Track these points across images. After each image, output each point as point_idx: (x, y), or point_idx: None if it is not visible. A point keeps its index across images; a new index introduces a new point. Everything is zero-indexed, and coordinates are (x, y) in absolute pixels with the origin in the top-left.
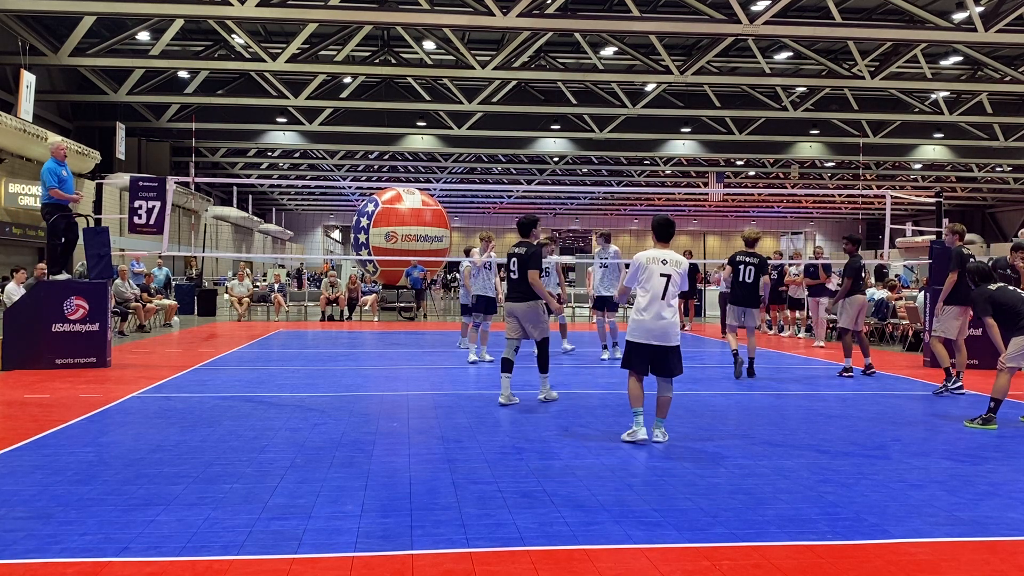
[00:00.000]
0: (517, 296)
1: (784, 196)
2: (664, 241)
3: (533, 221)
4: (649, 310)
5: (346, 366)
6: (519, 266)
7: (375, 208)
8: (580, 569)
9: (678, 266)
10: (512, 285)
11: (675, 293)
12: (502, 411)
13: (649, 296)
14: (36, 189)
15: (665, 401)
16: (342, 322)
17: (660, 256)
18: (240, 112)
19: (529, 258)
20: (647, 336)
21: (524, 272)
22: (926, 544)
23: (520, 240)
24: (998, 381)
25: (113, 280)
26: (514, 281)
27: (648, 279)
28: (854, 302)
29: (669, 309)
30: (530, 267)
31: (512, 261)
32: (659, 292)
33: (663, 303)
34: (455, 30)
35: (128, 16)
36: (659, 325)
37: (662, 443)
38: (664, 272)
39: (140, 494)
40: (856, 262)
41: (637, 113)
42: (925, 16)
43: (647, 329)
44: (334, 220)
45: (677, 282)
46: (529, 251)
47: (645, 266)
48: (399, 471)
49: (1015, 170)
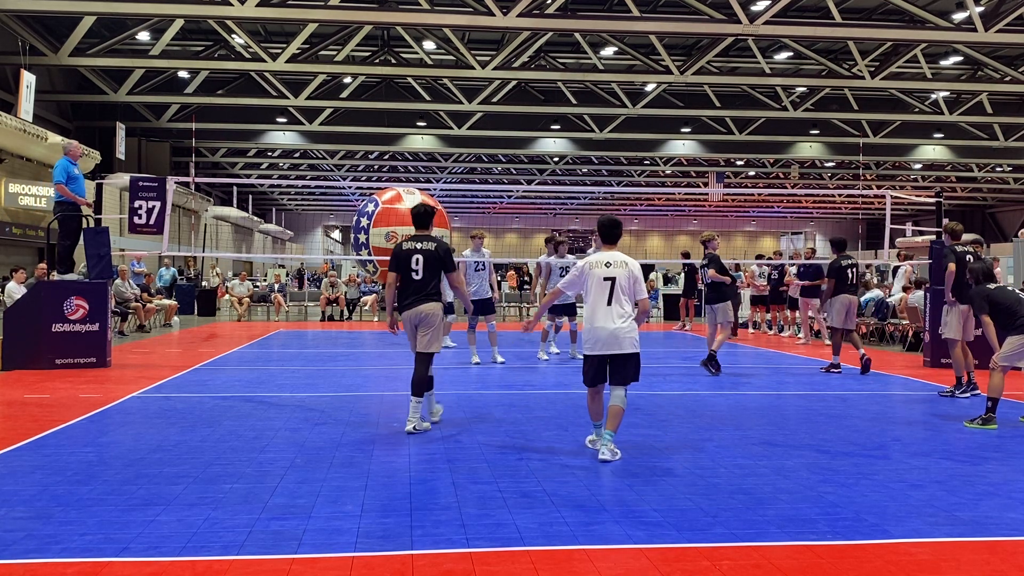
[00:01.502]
0: (420, 299)
1: (784, 196)
2: (611, 243)
3: (431, 212)
4: (596, 318)
5: (346, 366)
6: (426, 265)
7: (375, 208)
8: (580, 569)
9: (624, 267)
10: (415, 287)
11: (627, 297)
12: (502, 411)
13: (593, 303)
14: (36, 189)
15: (616, 412)
16: (342, 322)
17: (603, 259)
18: (240, 112)
19: (444, 256)
20: (596, 346)
21: (433, 272)
22: (926, 544)
23: (419, 233)
24: (992, 380)
25: (113, 280)
26: (417, 283)
27: (592, 285)
28: (841, 302)
29: (619, 314)
30: (448, 269)
31: (415, 259)
32: (604, 297)
33: (610, 309)
34: (455, 30)
35: (128, 16)
36: (609, 332)
37: (610, 462)
38: (607, 275)
39: (140, 494)
40: (836, 262)
41: (637, 113)
42: (925, 16)
43: (596, 339)
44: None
45: (625, 285)
46: (441, 247)
47: (588, 271)
48: (399, 471)
49: (1015, 170)
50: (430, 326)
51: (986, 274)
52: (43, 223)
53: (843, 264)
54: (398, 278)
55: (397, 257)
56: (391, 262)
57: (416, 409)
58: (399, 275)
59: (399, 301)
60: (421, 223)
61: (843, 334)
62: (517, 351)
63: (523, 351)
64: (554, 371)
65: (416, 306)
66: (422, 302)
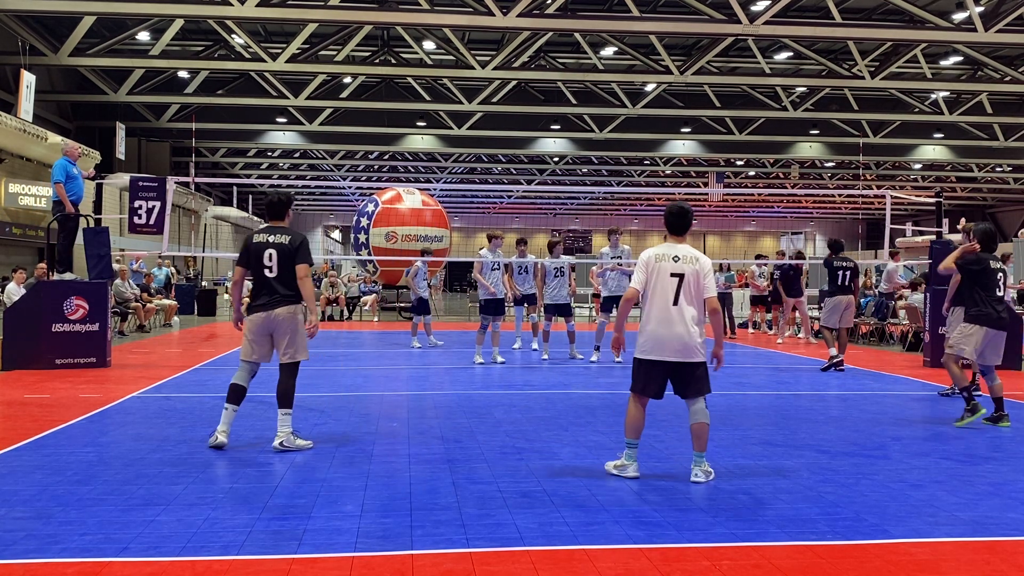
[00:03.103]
0: (275, 301)
1: (784, 196)
2: (678, 235)
3: (286, 200)
4: (660, 319)
5: (346, 366)
6: (281, 260)
7: (375, 208)
8: (580, 569)
9: (695, 263)
10: (268, 286)
11: (694, 296)
12: (502, 411)
13: (658, 302)
14: (36, 189)
15: (701, 429)
16: (342, 322)
17: (671, 253)
18: (240, 112)
19: (297, 249)
20: (660, 351)
21: (289, 268)
22: (926, 544)
23: (273, 225)
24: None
25: (113, 280)
26: (270, 281)
27: (656, 281)
28: (832, 302)
29: (687, 316)
30: (299, 261)
31: (268, 254)
32: (670, 296)
33: (676, 309)
34: (455, 30)
35: (128, 16)
36: (675, 336)
37: (703, 483)
38: (675, 271)
39: (140, 494)
40: (829, 261)
41: (637, 113)
42: (925, 16)
43: (660, 342)
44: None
45: (693, 283)
46: (295, 239)
47: (653, 265)
48: (399, 471)
49: (1015, 170)
50: (287, 333)
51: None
52: (43, 223)
53: (835, 264)
54: (244, 273)
55: (247, 250)
56: (240, 255)
57: (285, 422)
58: (249, 271)
59: (251, 300)
60: (275, 213)
61: (834, 332)
62: (518, 351)
63: (523, 351)
64: (555, 371)
65: (269, 309)
66: (277, 304)
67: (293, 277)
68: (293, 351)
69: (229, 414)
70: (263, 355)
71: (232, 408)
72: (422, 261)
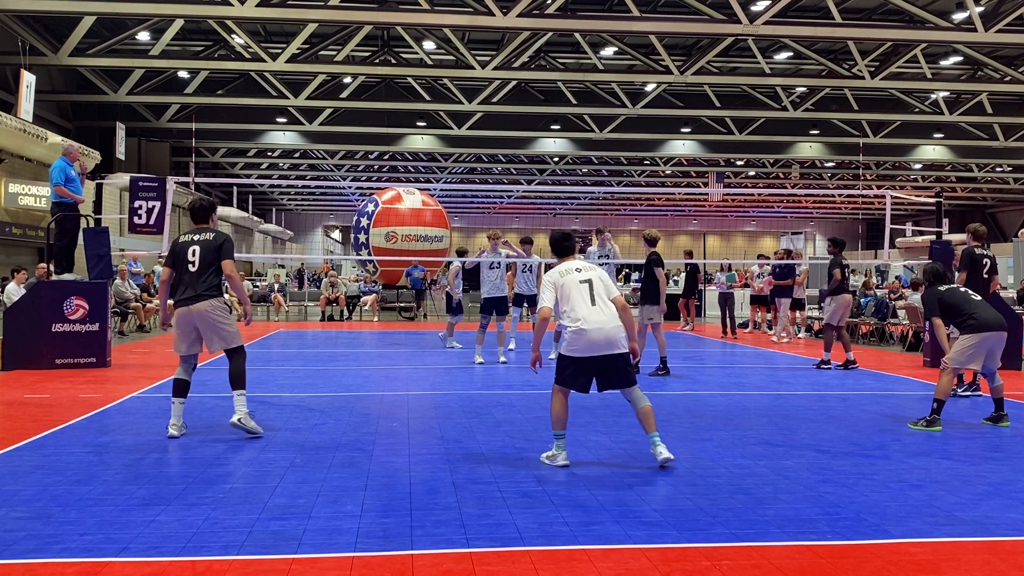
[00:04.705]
0: (196, 297)
1: (784, 196)
2: (569, 255)
3: (209, 206)
4: (584, 320)
5: (346, 366)
6: (203, 255)
7: (375, 208)
8: (580, 569)
9: (594, 270)
10: (190, 280)
11: (607, 294)
12: (502, 411)
13: (578, 306)
14: (36, 189)
15: (646, 411)
16: (342, 322)
17: (572, 267)
18: (240, 112)
19: (221, 246)
20: (589, 348)
21: (210, 263)
22: (926, 544)
23: (198, 227)
24: (941, 382)
25: (113, 280)
26: (192, 275)
27: (569, 291)
28: (840, 300)
29: (606, 313)
30: (223, 257)
31: (192, 250)
32: (587, 298)
33: (596, 308)
34: (455, 30)
35: (128, 16)
36: (599, 331)
37: (672, 460)
38: (583, 279)
39: (140, 494)
40: (838, 260)
41: (637, 113)
42: (925, 16)
43: (589, 341)
44: (334, 220)
45: (601, 286)
46: (220, 236)
47: (559, 280)
48: (399, 471)
49: (1015, 170)
50: (209, 327)
51: (937, 275)
52: (43, 223)
53: (843, 263)
54: (172, 274)
55: (173, 252)
56: (167, 257)
57: (240, 402)
58: (174, 271)
59: (173, 295)
60: (199, 217)
61: (835, 332)
62: (517, 352)
63: (522, 352)
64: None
65: (191, 304)
66: (197, 300)
67: (214, 272)
68: (225, 339)
69: (177, 407)
70: (191, 348)
71: (179, 401)
72: (461, 261)
